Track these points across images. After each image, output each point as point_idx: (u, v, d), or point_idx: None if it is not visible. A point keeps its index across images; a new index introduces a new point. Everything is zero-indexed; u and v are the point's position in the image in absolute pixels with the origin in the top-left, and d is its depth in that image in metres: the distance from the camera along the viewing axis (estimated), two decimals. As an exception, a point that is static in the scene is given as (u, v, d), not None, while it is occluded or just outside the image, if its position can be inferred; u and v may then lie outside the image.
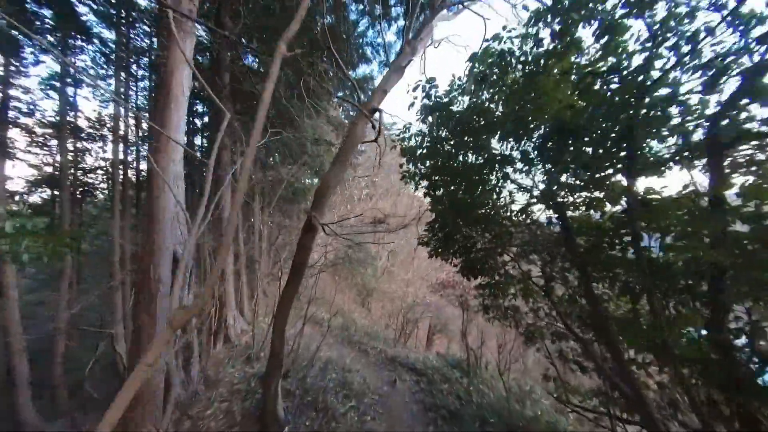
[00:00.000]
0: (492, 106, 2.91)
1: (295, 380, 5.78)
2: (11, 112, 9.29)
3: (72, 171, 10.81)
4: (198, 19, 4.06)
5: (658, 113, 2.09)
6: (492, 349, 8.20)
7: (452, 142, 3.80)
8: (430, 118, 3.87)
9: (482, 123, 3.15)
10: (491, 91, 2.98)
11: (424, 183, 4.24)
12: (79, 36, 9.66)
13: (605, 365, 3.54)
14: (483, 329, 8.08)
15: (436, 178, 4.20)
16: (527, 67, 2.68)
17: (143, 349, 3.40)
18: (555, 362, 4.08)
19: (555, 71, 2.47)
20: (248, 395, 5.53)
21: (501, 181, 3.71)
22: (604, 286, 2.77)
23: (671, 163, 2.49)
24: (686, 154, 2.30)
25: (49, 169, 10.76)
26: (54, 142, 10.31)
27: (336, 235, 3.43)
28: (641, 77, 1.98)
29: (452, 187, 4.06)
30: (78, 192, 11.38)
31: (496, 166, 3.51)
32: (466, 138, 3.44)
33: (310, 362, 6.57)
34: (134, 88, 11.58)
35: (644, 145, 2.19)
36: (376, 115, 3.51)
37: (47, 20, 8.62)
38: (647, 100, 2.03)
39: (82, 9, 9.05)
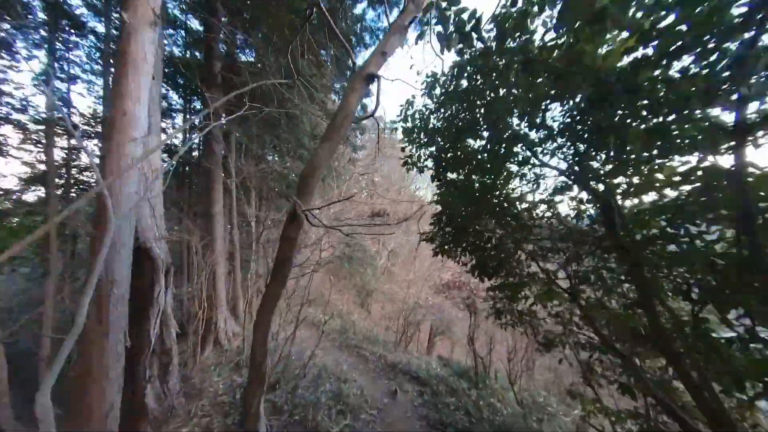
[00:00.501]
0: (539, 41, 2.28)
1: (285, 392, 5.19)
2: (3, 109, 8.87)
3: (65, 169, 10.35)
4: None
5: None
6: (500, 356, 7.61)
7: (463, 118, 3.21)
8: (437, 89, 3.28)
9: (516, 78, 2.47)
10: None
11: (430, 163, 3.64)
12: (73, 31, 9.19)
13: (649, 382, 2.95)
14: (491, 334, 7.49)
15: (443, 160, 3.61)
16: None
17: (91, 365, 2.82)
18: (583, 376, 3.48)
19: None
20: (232, 409, 4.95)
21: (525, 163, 3.12)
22: (664, 290, 2.17)
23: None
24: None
25: (43, 167, 10.39)
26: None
27: (324, 227, 2.85)
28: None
29: (465, 171, 3.47)
30: (72, 190, 10.95)
31: (520, 145, 2.93)
32: (482, 108, 2.83)
33: (302, 371, 5.99)
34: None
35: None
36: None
37: (39, 13, 8.13)
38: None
39: (74, 1, 8.56)
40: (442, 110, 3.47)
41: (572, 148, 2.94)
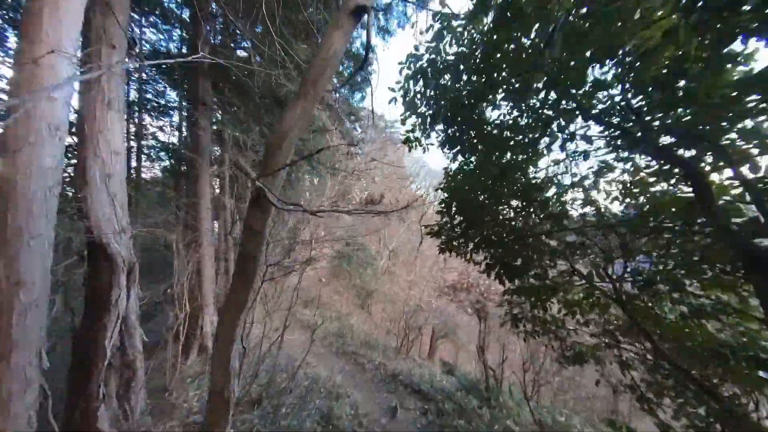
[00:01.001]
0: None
1: (265, 413, 4.46)
2: (-3, 105, 8.33)
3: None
4: None
5: None
6: (512, 364, 6.85)
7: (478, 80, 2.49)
8: (447, 36, 2.56)
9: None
10: None
11: (435, 140, 2.92)
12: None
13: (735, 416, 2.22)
14: (503, 342, 6.73)
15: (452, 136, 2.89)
16: None
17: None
18: (646, 409, 2.76)
19: None
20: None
21: (563, 130, 2.39)
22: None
23: None
24: None
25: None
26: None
27: (299, 210, 2.12)
28: None
29: (481, 148, 2.75)
30: (68, 189, 10.35)
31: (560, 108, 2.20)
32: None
33: (289, 384, 5.26)
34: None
35: None
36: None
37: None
38: None
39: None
40: (453, 69, 2.75)
41: (627, 106, 2.21)
